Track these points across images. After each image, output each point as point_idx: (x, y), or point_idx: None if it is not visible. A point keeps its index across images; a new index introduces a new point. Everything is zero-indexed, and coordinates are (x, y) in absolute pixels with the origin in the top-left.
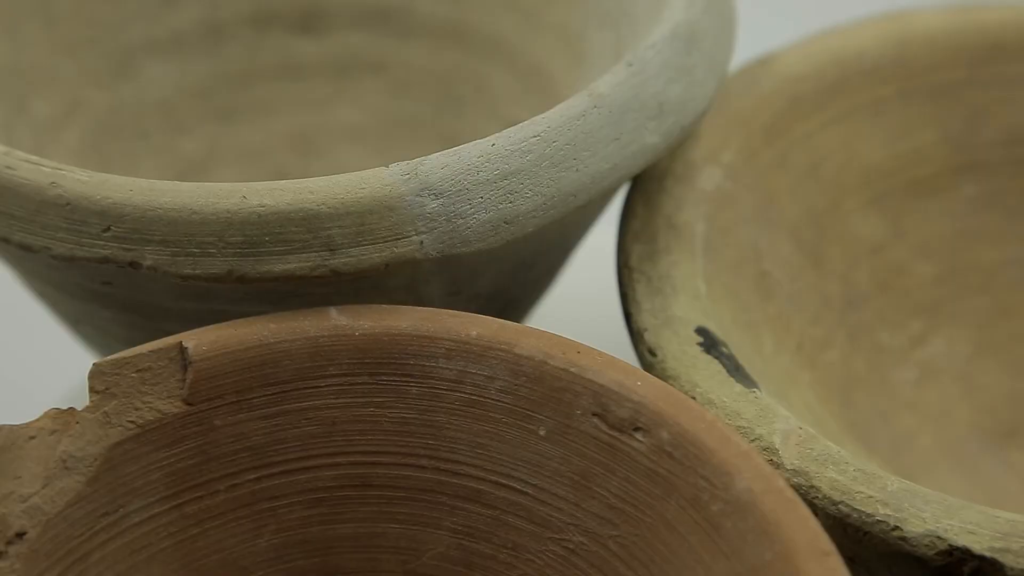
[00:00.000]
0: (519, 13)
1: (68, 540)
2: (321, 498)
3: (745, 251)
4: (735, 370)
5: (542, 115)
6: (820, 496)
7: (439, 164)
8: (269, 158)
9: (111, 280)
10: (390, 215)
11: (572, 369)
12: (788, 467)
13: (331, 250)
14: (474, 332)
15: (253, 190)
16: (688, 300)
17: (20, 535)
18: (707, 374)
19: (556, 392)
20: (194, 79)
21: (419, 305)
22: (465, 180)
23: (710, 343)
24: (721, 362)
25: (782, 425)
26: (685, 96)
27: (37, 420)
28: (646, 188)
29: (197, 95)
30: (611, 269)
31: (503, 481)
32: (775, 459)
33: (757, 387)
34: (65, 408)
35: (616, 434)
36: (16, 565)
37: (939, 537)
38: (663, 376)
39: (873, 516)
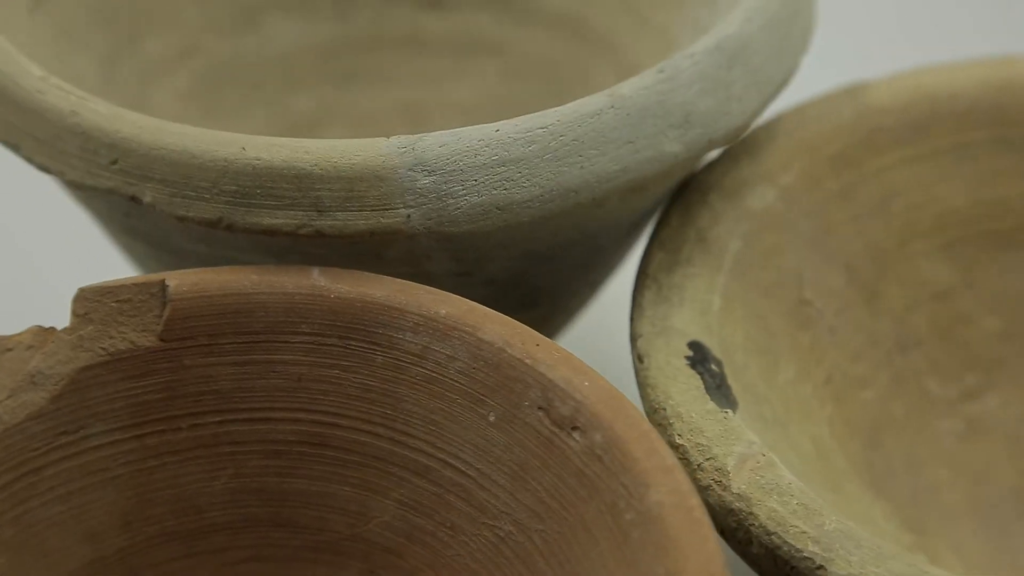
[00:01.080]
0: (632, 15)
1: (23, 452)
2: (280, 451)
3: (785, 276)
4: (716, 388)
5: (555, 108)
6: (756, 524)
7: (437, 142)
8: (379, 126)
9: (129, 213)
10: (380, 185)
11: (527, 360)
12: (734, 491)
13: (319, 211)
14: (443, 311)
15: (252, 143)
16: (692, 314)
17: None
18: (684, 387)
19: (509, 380)
20: (317, 40)
21: (425, 282)
22: (461, 161)
23: (699, 358)
24: (703, 378)
25: (742, 449)
26: (718, 110)
27: (20, 334)
28: (687, 199)
29: (318, 56)
30: None
31: (450, 460)
32: (724, 481)
33: (732, 408)
34: (48, 327)
35: (556, 430)
36: None
37: None
38: (644, 384)
39: (802, 552)
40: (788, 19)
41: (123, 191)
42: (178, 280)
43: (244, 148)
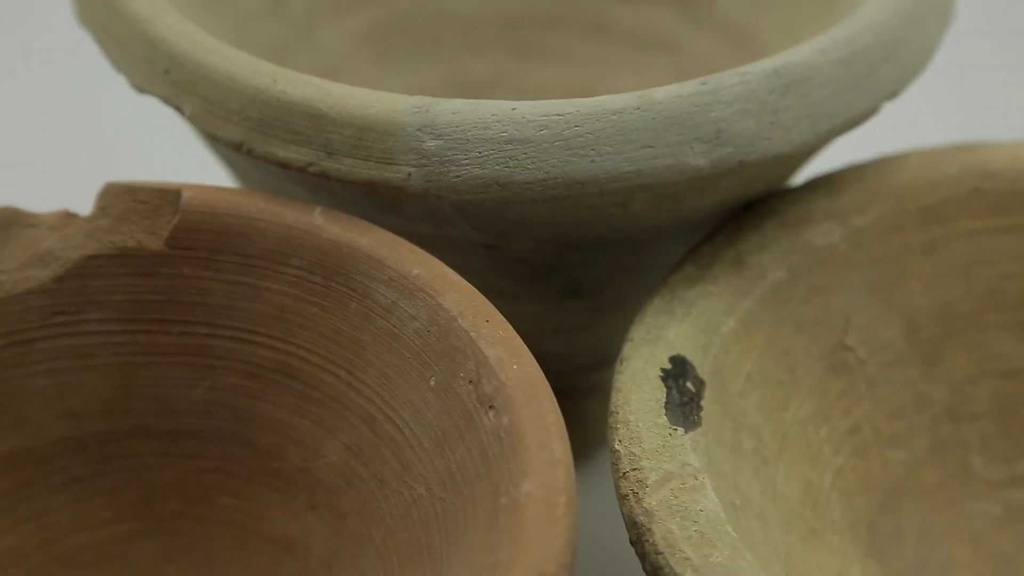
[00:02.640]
0: (795, 41)
1: (19, 322)
2: (254, 374)
3: (829, 317)
4: (679, 405)
5: (581, 99)
6: (650, 542)
7: (451, 109)
8: None
9: (234, 162)
10: (387, 139)
11: (472, 333)
12: (644, 505)
13: (328, 153)
14: (416, 271)
15: (285, 77)
16: (692, 330)
17: None
18: (645, 397)
19: (452, 350)
20: (503, 9)
21: (451, 248)
22: (469, 131)
23: (676, 373)
24: (670, 392)
25: (672, 467)
26: (758, 133)
27: (47, 214)
28: (740, 220)
29: (500, 24)
30: None
31: (391, 415)
32: (639, 493)
33: (688, 428)
34: (73, 214)
35: (477, 405)
36: None
37: None
38: (613, 386)
39: None
40: (873, 60)
41: (170, 100)
42: (193, 193)
43: (275, 80)
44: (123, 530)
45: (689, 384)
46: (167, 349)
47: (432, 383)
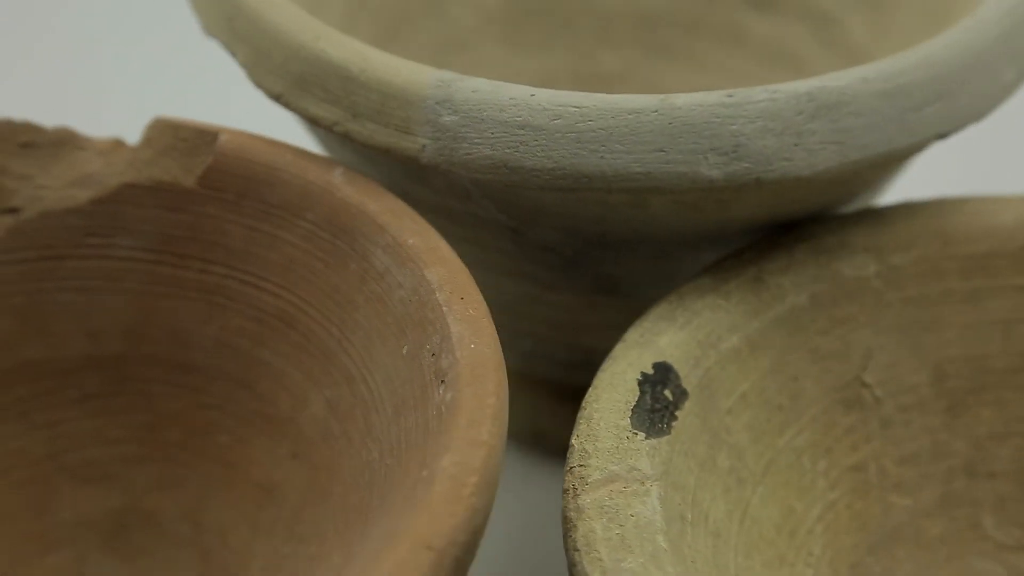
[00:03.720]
0: None
1: (55, 238)
2: (260, 319)
3: (850, 350)
4: (649, 411)
5: (602, 95)
6: (572, 538)
7: (471, 87)
8: None
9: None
10: (406, 108)
11: (444, 308)
12: (579, 502)
13: (353, 115)
14: (411, 240)
15: (328, 36)
16: (688, 341)
17: (14, 209)
18: (616, 397)
19: (426, 321)
20: (642, 6)
21: (481, 227)
22: (485, 112)
23: (656, 380)
24: (643, 397)
25: (619, 469)
26: (778, 154)
27: (100, 140)
28: (771, 239)
29: (637, 22)
30: None
31: (368, 378)
32: (578, 489)
33: (652, 435)
34: (122, 142)
35: (432, 379)
36: (27, 221)
37: None
38: (593, 384)
39: None
40: (923, 96)
41: (228, 47)
42: (228, 137)
43: (318, 38)
44: (128, 451)
45: (667, 392)
46: (186, 284)
47: (404, 351)
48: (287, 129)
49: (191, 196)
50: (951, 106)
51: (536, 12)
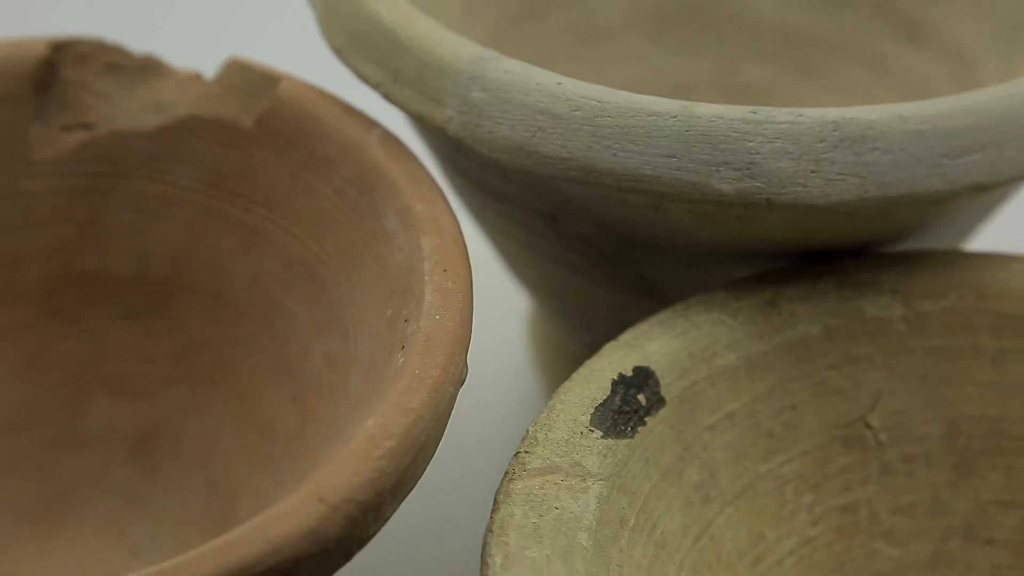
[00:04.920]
0: None
1: (119, 157)
2: (288, 264)
3: (857, 390)
4: (616, 412)
5: (628, 93)
6: (490, 520)
7: (506, 68)
8: None
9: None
10: (440, 79)
11: (426, 276)
12: (509, 486)
13: (395, 79)
14: (419, 207)
15: (388, 4)
16: (680, 351)
17: (88, 125)
18: (585, 393)
19: (409, 288)
20: (794, 23)
21: (520, 209)
22: (511, 94)
23: (633, 383)
24: (612, 398)
25: (562, 462)
26: (793, 178)
27: (180, 70)
28: (801, 267)
29: (787, 38)
30: None
31: (358, 336)
32: (514, 473)
33: (613, 436)
34: (201, 77)
35: (397, 344)
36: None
37: None
38: (572, 376)
39: (489, 564)
40: (963, 144)
41: (312, 2)
42: (289, 85)
43: (378, 8)
44: (160, 371)
45: (641, 396)
46: (230, 220)
47: (388, 314)
48: None
49: (246, 136)
50: (994, 158)
51: (686, 14)
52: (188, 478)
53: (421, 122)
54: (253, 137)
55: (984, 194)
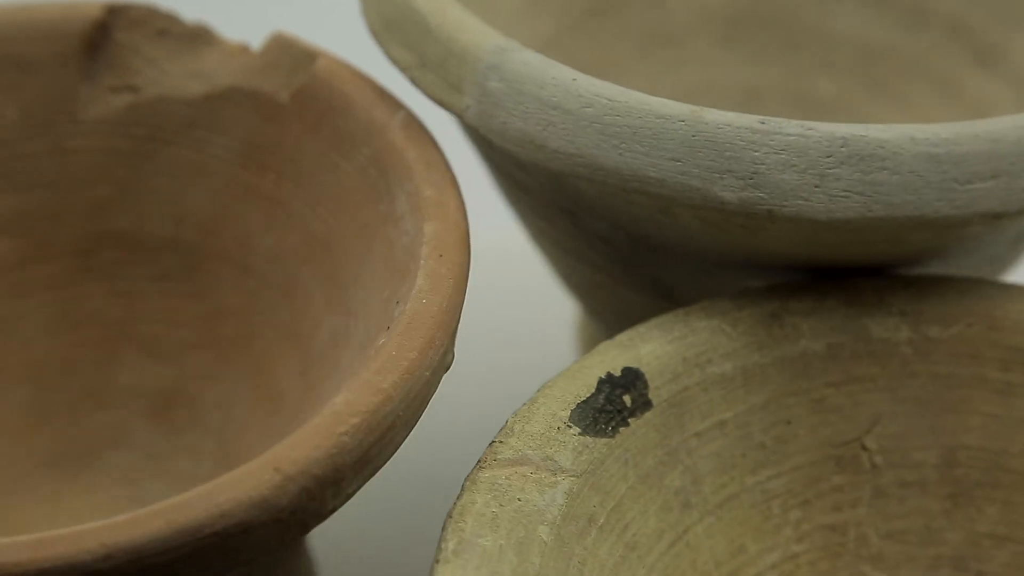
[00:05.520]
0: None
1: (164, 122)
2: (308, 239)
3: (856, 410)
4: (598, 411)
5: (640, 94)
6: (453, 505)
7: (523, 60)
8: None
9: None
10: (461, 67)
11: (422, 260)
12: (480, 474)
13: (422, 64)
14: (428, 192)
15: None
16: (674, 356)
17: (135, 88)
18: (569, 389)
19: (407, 272)
20: (871, 40)
21: (542, 202)
22: (526, 87)
23: (620, 383)
24: (596, 397)
25: (533, 454)
26: (795, 191)
27: (230, 42)
28: (811, 283)
29: (862, 55)
30: None
31: (359, 318)
32: (485, 462)
33: (591, 434)
34: (248, 49)
35: (384, 325)
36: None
37: None
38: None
39: (442, 551)
40: (976, 170)
41: None
42: (325, 63)
43: None
44: (186, 336)
45: (627, 397)
46: (260, 192)
47: (385, 295)
48: None
49: (281, 111)
50: (1008, 187)
51: (760, 21)
52: (203, 441)
53: (442, 108)
54: (287, 112)
55: (1002, 223)
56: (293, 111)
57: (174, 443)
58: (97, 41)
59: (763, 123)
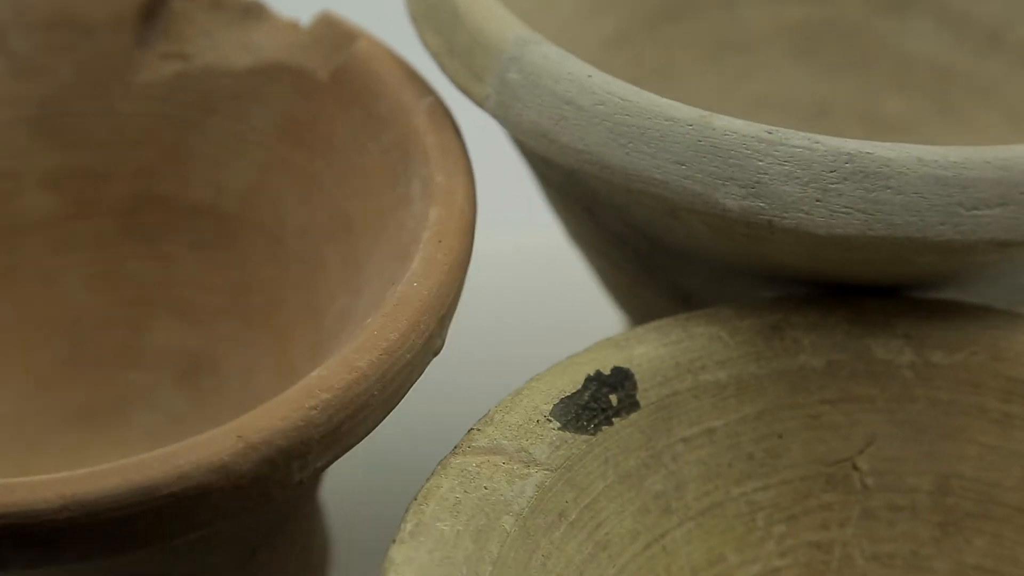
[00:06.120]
0: None
1: (207, 91)
2: (332, 217)
3: (850, 429)
4: (582, 408)
5: (652, 95)
6: (413, 499)
7: (544, 53)
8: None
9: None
10: (485, 56)
11: (420, 245)
12: (452, 460)
13: (450, 50)
14: (439, 178)
15: None
16: (666, 360)
17: (184, 56)
18: (555, 383)
19: (406, 256)
20: (944, 62)
21: (567, 197)
22: (543, 80)
23: (608, 382)
24: (582, 394)
25: (508, 445)
26: (796, 203)
27: (282, 18)
28: (818, 297)
29: (934, 75)
30: None
31: (361, 296)
32: (460, 449)
33: (571, 431)
34: (299, 26)
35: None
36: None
37: None
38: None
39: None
40: (982, 196)
41: None
42: (364, 44)
43: None
44: (219, 302)
45: (613, 397)
46: (294, 167)
47: (385, 277)
48: None
49: (320, 88)
50: (1016, 216)
51: (834, 34)
52: (224, 408)
53: (466, 96)
54: (325, 90)
55: (1010, 251)
56: (330, 89)
57: (197, 408)
58: (154, 7)
59: (770, 133)
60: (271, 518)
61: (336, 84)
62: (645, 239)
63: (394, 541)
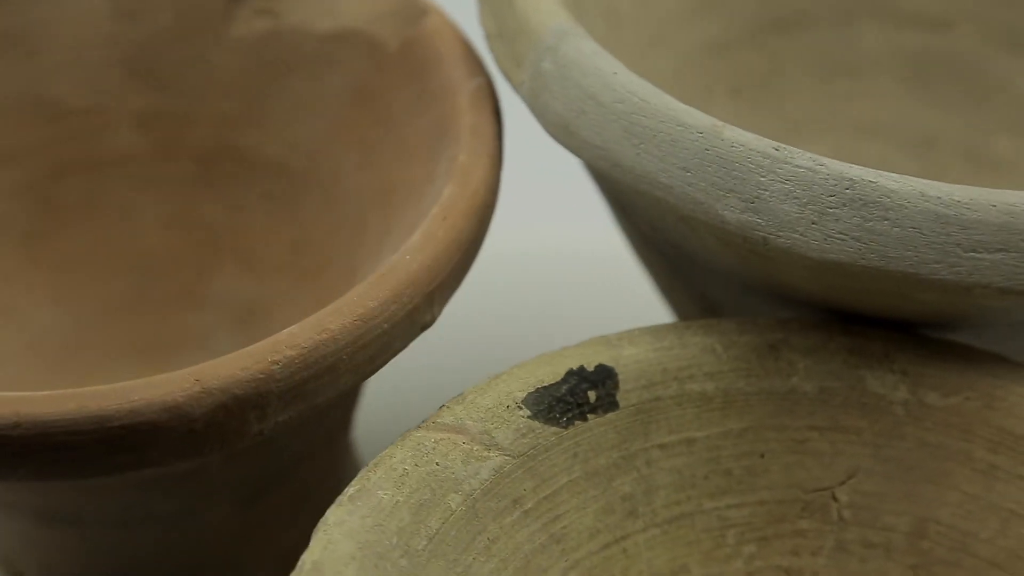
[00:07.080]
0: None
1: (289, 51)
2: (375, 188)
3: (835, 461)
4: (556, 401)
5: (671, 99)
6: (365, 464)
7: (578, 47)
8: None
9: None
10: (525, 43)
11: (427, 221)
12: (413, 433)
13: (499, 34)
14: (462, 157)
15: None
16: (653, 364)
17: (274, 13)
18: (535, 373)
19: (418, 228)
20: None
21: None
22: (572, 73)
23: (588, 378)
24: (558, 386)
25: (472, 426)
26: (792, 224)
27: None
28: (822, 323)
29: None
30: None
31: (377, 266)
32: (424, 424)
33: (541, 421)
34: None
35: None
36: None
37: None
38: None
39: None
40: (982, 240)
41: None
42: (432, 19)
43: None
44: (275, 257)
45: (592, 394)
46: (357, 133)
47: (394, 247)
48: None
49: (388, 59)
50: (1017, 263)
51: (948, 67)
52: None
53: (507, 80)
54: (392, 61)
55: (1012, 299)
56: (397, 61)
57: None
58: None
59: (777, 149)
60: (271, 463)
61: (402, 57)
62: (670, 245)
63: (334, 503)
